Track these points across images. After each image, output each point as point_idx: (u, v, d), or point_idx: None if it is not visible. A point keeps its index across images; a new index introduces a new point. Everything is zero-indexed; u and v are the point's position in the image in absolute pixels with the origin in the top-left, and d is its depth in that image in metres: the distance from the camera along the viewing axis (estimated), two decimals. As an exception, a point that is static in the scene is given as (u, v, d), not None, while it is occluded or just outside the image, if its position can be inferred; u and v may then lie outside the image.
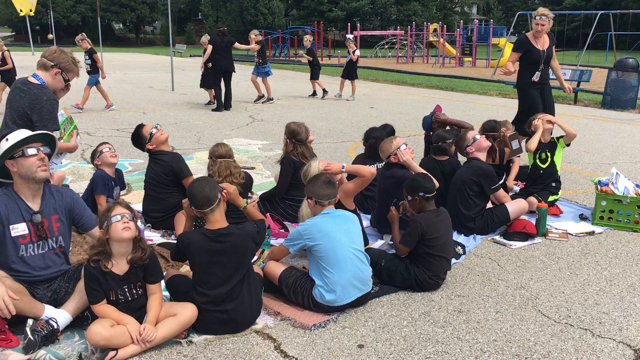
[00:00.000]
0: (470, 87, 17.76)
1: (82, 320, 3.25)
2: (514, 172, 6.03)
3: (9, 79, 11.90)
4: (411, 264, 3.88)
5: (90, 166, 6.86)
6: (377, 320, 3.46)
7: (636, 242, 4.84)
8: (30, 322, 3.03)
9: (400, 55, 33.43)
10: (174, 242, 3.96)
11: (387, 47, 37.47)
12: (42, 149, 3.25)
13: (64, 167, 7.04)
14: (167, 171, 4.84)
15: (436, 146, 5.23)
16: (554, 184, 5.55)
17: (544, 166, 5.54)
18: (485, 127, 5.87)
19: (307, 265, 3.75)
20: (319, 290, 3.47)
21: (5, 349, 3.02)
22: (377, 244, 4.64)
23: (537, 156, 5.57)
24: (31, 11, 30.31)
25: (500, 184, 5.02)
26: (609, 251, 4.64)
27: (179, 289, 3.39)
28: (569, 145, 5.64)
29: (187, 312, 3.15)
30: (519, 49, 6.90)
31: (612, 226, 5.14)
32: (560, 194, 5.61)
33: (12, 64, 12.02)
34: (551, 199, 5.48)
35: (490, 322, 3.45)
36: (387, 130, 5.84)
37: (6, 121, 3.94)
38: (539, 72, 6.83)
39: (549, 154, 5.53)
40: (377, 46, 37.71)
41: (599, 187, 5.20)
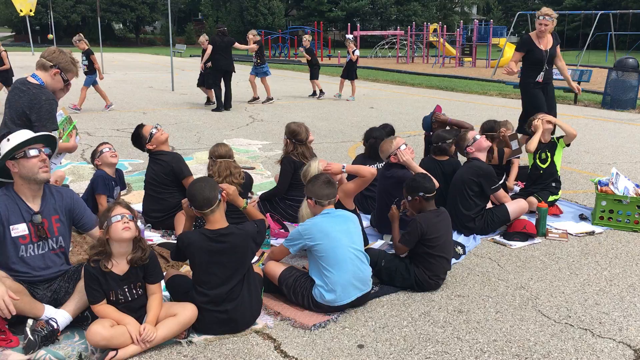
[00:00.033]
0: (470, 87, 17.77)
1: (82, 320, 3.25)
2: (514, 173, 6.04)
3: (6, 79, 11.90)
4: (411, 264, 3.88)
5: (90, 166, 6.87)
6: (377, 320, 3.47)
7: (636, 242, 4.84)
8: (30, 322, 3.03)
9: (400, 55, 33.44)
10: (174, 242, 3.95)
11: (387, 47, 37.48)
12: (43, 150, 3.25)
13: (64, 167, 7.04)
14: (167, 171, 4.84)
15: (436, 146, 5.23)
16: (554, 184, 5.55)
17: (544, 166, 5.54)
18: (483, 127, 5.87)
19: (307, 265, 3.75)
20: (319, 290, 3.47)
21: (5, 349, 3.02)
22: (377, 244, 4.64)
23: (537, 156, 5.57)
24: (31, 11, 30.28)
25: (500, 184, 5.02)
26: (609, 251, 4.64)
27: (179, 289, 3.39)
28: (569, 145, 5.64)
29: (187, 312, 3.15)
30: (522, 48, 6.87)
31: (612, 226, 5.15)
32: (560, 194, 5.62)
33: (9, 64, 12.02)
34: (551, 199, 5.48)
35: (490, 322, 3.45)
36: (387, 129, 5.84)
37: (5, 121, 3.94)
38: (543, 72, 6.78)
39: (549, 154, 5.53)
40: (377, 46, 37.72)
41: (599, 187, 5.20)
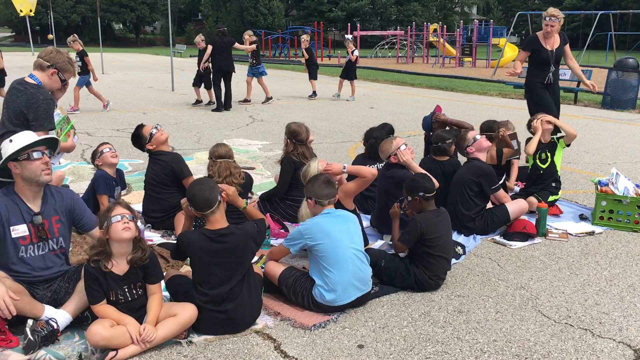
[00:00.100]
0: (470, 87, 17.77)
1: (82, 320, 3.25)
2: (514, 174, 6.02)
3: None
4: (411, 264, 3.88)
5: (90, 166, 6.87)
6: (377, 320, 3.46)
7: (636, 242, 4.84)
8: (30, 322, 3.03)
9: (400, 55, 33.43)
10: (174, 242, 3.95)
11: (387, 47, 37.48)
12: (46, 153, 3.25)
13: (63, 167, 7.03)
14: (167, 171, 4.84)
15: (436, 146, 5.22)
16: (554, 184, 5.55)
17: (544, 166, 5.54)
18: (482, 128, 5.87)
19: (307, 265, 3.75)
20: (319, 290, 3.47)
21: (5, 349, 3.01)
22: (377, 244, 4.64)
23: (537, 156, 5.57)
24: (31, 11, 30.26)
25: (500, 184, 5.02)
26: (609, 251, 4.64)
27: (179, 289, 3.39)
28: (569, 145, 5.64)
29: (187, 312, 3.15)
30: (528, 47, 6.83)
31: (612, 226, 5.15)
32: (560, 194, 5.62)
33: (2, 64, 12.00)
34: (551, 199, 5.48)
35: (490, 322, 3.45)
36: (386, 129, 5.85)
37: (3, 121, 3.96)
38: (551, 73, 6.70)
39: (549, 154, 5.53)
40: (377, 46, 37.72)
41: (599, 187, 5.20)
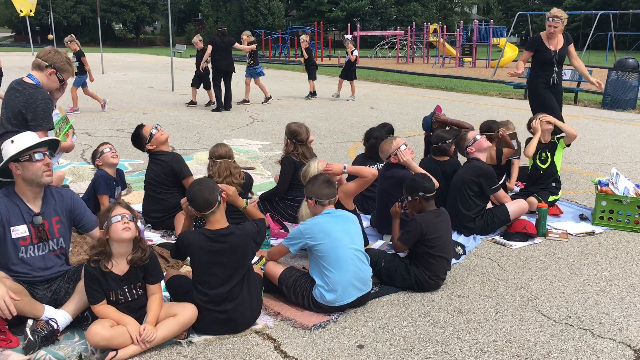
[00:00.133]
0: (470, 87, 17.77)
1: (82, 320, 3.25)
2: (515, 174, 6.02)
3: None
4: (411, 264, 3.88)
5: (90, 166, 6.87)
6: (377, 320, 3.47)
7: (636, 242, 4.84)
8: (30, 322, 3.03)
9: (400, 55, 33.42)
10: (174, 242, 3.95)
11: (387, 47, 37.47)
12: (47, 154, 3.26)
13: (63, 168, 7.04)
14: (167, 171, 4.84)
15: (436, 147, 5.22)
16: (554, 184, 5.55)
17: (544, 166, 5.54)
18: (481, 128, 5.86)
19: (307, 265, 3.75)
20: (319, 290, 3.47)
21: (5, 349, 3.01)
22: (377, 244, 4.64)
23: (537, 156, 5.57)
24: (31, 12, 30.21)
25: (500, 184, 5.02)
26: (609, 251, 4.64)
27: (179, 290, 3.39)
28: (569, 145, 5.64)
29: (187, 312, 3.15)
30: (531, 48, 6.82)
31: (612, 226, 5.15)
32: (560, 194, 5.62)
33: None
34: (551, 199, 5.48)
35: (490, 323, 3.45)
36: (386, 128, 5.85)
37: (1, 121, 3.96)
38: (555, 74, 6.68)
39: (549, 154, 5.53)
40: (377, 46, 37.71)
41: (599, 187, 5.20)
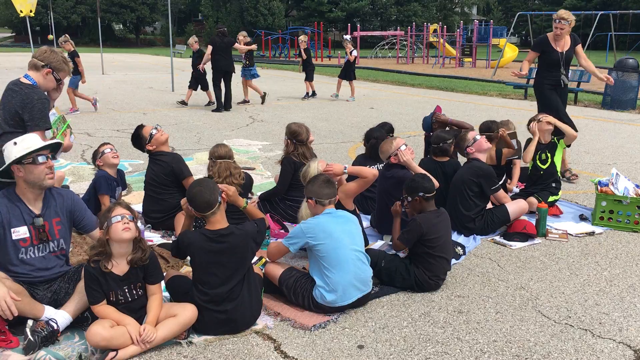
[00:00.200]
0: (470, 87, 17.77)
1: (82, 321, 3.25)
2: (516, 175, 5.99)
3: None
4: (411, 265, 3.88)
5: (90, 167, 6.87)
6: (377, 320, 3.47)
7: (636, 243, 4.84)
8: (30, 322, 3.03)
9: (400, 55, 33.43)
10: (174, 241, 3.95)
11: (387, 47, 37.48)
12: (49, 157, 3.26)
13: (64, 168, 7.04)
14: (167, 172, 4.84)
15: (436, 147, 5.21)
16: (554, 185, 5.55)
17: (544, 167, 5.54)
18: (481, 128, 5.86)
19: (307, 265, 3.75)
20: (319, 290, 3.47)
21: (5, 349, 3.02)
22: (377, 245, 4.64)
23: (538, 157, 5.57)
24: (31, 12, 30.18)
25: (500, 184, 5.02)
26: (609, 252, 4.64)
27: (179, 290, 3.39)
28: (569, 146, 5.64)
29: (187, 312, 3.15)
30: (537, 48, 6.78)
31: (612, 226, 5.15)
32: (560, 194, 5.62)
33: None
34: (551, 199, 5.48)
35: (490, 323, 3.45)
36: (386, 127, 5.85)
37: None
38: (563, 75, 6.62)
39: (549, 155, 5.53)
40: (377, 47, 37.72)
41: (599, 188, 5.20)
